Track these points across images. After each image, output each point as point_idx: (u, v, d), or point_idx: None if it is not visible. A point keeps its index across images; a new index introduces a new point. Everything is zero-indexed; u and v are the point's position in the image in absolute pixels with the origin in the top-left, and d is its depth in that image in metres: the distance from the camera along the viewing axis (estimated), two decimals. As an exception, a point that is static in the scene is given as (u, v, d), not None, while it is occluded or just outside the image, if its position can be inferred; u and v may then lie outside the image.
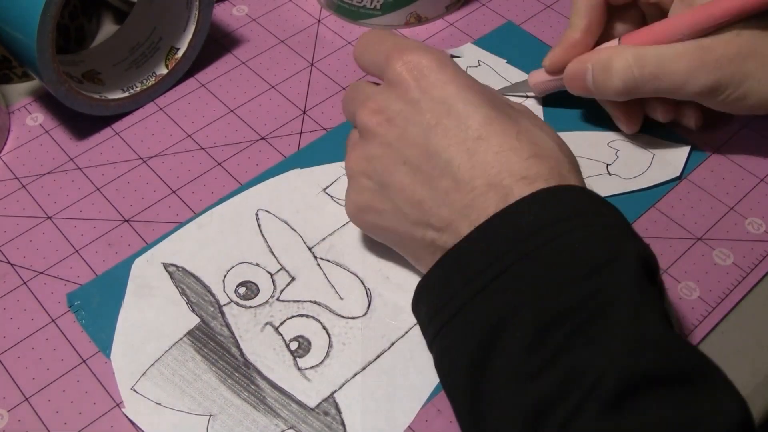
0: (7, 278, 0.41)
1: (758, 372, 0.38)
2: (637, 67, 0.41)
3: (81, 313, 0.40)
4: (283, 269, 0.41)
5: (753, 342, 0.39)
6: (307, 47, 0.53)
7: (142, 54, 0.50)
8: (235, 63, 0.52)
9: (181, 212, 0.44)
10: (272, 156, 0.46)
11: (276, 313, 0.39)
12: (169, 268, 0.41)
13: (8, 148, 0.47)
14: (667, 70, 0.40)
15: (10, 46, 0.44)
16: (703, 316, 0.39)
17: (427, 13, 0.54)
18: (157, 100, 0.50)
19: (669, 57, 0.41)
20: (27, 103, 0.50)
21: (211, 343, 0.38)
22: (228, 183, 0.45)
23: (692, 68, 0.40)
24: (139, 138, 0.48)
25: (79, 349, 0.39)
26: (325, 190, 0.44)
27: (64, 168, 0.46)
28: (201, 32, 0.50)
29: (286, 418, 0.36)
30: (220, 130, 0.48)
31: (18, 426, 0.36)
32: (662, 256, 0.41)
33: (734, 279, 0.41)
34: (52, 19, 0.42)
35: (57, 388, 0.37)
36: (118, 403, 0.37)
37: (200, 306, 0.40)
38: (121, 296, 0.40)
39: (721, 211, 0.43)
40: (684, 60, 0.40)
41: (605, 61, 0.42)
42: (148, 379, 0.37)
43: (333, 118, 0.48)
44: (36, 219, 0.44)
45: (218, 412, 0.36)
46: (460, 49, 0.52)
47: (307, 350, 0.38)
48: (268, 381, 0.37)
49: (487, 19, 0.54)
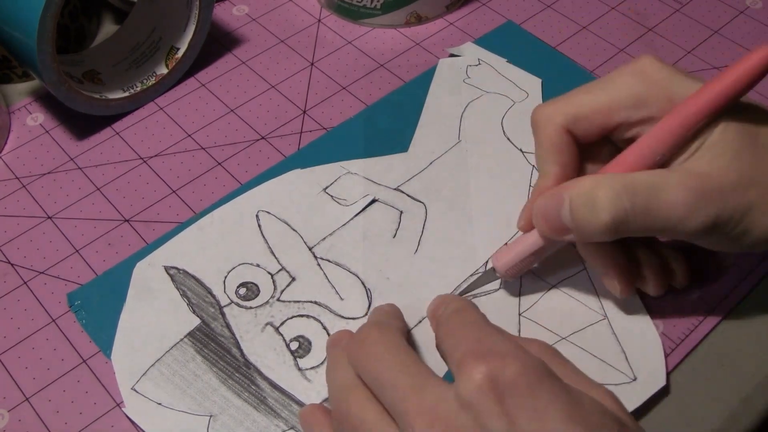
0: (7, 278, 0.41)
1: (758, 372, 0.38)
2: (628, 196, 0.32)
3: (81, 313, 0.40)
4: (283, 270, 0.41)
5: (753, 342, 0.39)
6: (307, 47, 0.53)
7: (142, 54, 0.50)
8: (235, 63, 0.52)
9: (181, 212, 0.44)
10: (272, 156, 0.46)
11: (276, 314, 0.39)
12: (170, 271, 0.41)
13: (8, 148, 0.47)
14: (663, 200, 0.32)
15: (10, 46, 0.44)
16: (703, 316, 0.39)
17: (427, 12, 0.54)
18: (157, 100, 0.50)
19: (662, 186, 0.33)
20: (27, 103, 0.50)
21: (211, 344, 0.38)
22: (228, 183, 0.45)
23: (691, 200, 0.32)
24: (139, 138, 0.48)
25: (79, 349, 0.39)
26: (326, 190, 0.44)
27: (65, 168, 0.46)
28: (201, 32, 0.50)
29: (286, 418, 0.36)
30: (221, 129, 0.48)
31: (18, 426, 0.36)
32: (662, 256, 0.41)
33: (734, 279, 0.41)
34: (53, 19, 0.42)
35: (57, 387, 0.37)
36: (118, 403, 0.37)
37: (201, 307, 0.40)
38: (121, 296, 0.40)
39: (721, 211, 0.43)
40: (681, 190, 0.32)
41: (588, 192, 0.33)
42: (149, 379, 0.37)
43: (333, 117, 0.48)
44: (36, 219, 0.44)
45: (219, 413, 0.36)
46: (460, 49, 0.52)
47: (307, 350, 0.38)
48: (269, 381, 0.37)
49: (487, 18, 0.54)
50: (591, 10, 0.55)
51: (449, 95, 0.49)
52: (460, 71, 0.50)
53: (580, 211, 0.33)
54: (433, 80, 0.50)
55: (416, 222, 0.43)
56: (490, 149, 0.46)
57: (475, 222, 0.43)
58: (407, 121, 0.48)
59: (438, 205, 0.43)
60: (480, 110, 0.48)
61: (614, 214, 0.33)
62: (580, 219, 0.33)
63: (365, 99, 0.49)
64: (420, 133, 0.47)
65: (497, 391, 0.27)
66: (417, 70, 0.51)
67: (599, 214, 0.33)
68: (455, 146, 0.46)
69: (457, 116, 0.48)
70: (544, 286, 0.40)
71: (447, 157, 0.46)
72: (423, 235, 0.42)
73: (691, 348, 0.38)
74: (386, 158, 0.46)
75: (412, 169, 0.45)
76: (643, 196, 0.32)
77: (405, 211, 0.43)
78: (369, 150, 0.46)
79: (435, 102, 0.49)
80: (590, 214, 0.33)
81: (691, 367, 0.38)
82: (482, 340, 0.30)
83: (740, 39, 0.53)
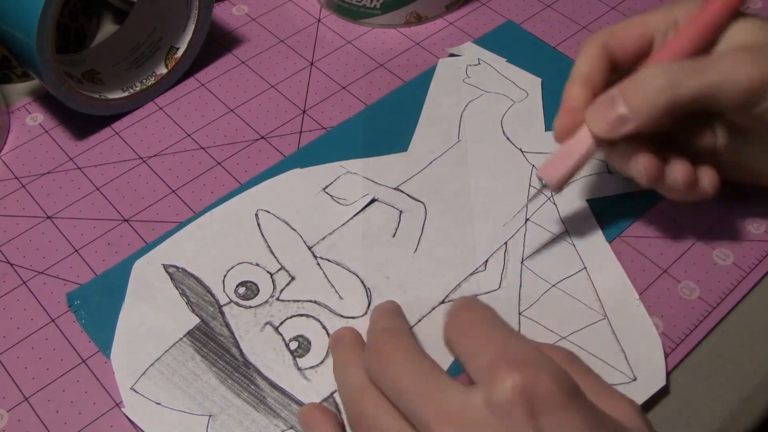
0: (6, 278, 0.41)
1: (758, 372, 0.38)
2: (678, 66, 0.36)
3: (81, 313, 0.40)
4: (282, 269, 0.41)
5: (753, 342, 0.39)
6: (307, 47, 0.53)
7: (142, 54, 0.50)
8: (235, 62, 0.52)
9: (180, 212, 0.44)
10: (272, 155, 0.46)
11: (276, 313, 0.39)
12: (169, 269, 0.41)
13: (8, 148, 0.47)
14: (711, 63, 0.36)
15: (10, 46, 0.44)
16: (703, 315, 0.39)
17: (427, 12, 0.54)
18: (157, 100, 0.50)
19: (707, 57, 0.37)
20: (27, 103, 0.50)
21: (210, 343, 0.38)
22: (228, 182, 0.45)
23: (739, 57, 0.36)
24: (138, 138, 0.48)
25: (78, 349, 0.39)
26: (325, 190, 0.44)
27: (64, 168, 0.46)
28: (201, 32, 0.50)
29: (286, 418, 0.36)
30: (220, 129, 0.48)
31: (18, 426, 0.36)
32: (662, 256, 0.41)
33: (734, 279, 0.41)
34: (52, 18, 0.42)
35: (57, 387, 0.37)
36: (117, 403, 0.37)
37: (200, 306, 0.40)
38: (120, 296, 0.40)
39: (721, 210, 0.43)
40: (727, 55, 0.36)
41: (637, 80, 0.37)
42: (148, 379, 0.37)
43: (333, 117, 0.48)
44: (36, 219, 0.44)
45: (218, 412, 0.36)
46: (460, 48, 0.52)
47: (307, 350, 0.38)
48: (268, 381, 0.37)
49: (487, 18, 0.54)
50: (591, 10, 0.55)
51: (449, 95, 0.49)
52: (460, 71, 0.50)
53: (635, 98, 0.36)
54: (433, 80, 0.50)
55: (416, 221, 0.43)
56: (489, 149, 0.46)
57: (475, 222, 0.43)
58: (407, 121, 0.48)
59: (438, 204, 0.43)
60: (480, 110, 0.48)
61: (670, 92, 0.36)
62: (636, 105, 0.36)
63: (365, 99, 0.49)
64: (420, 132, 0.47)
65: (530, 404, 0.27)
66: (417, 70, 0.51)
67: (654, 96, 0.36)
68: (455, 146, 0.46)
69: (456, 116, 0.48)
70: (544, 285, 0.40)
71: (447, 157, 0.46)
72: (423, 235, 0.42)
73: (691, 348, 0.38)
74: (386, 158, 0.46)
75: (412, 168, 0.45)
76: (691, 65, 0.36)
77: (405, 210, 0.43)
78: (369, 150, 0.46)
79: (435, 102, 0.49)
80: (645, 96, 0.36)
81: (691, 367, 0.38)
82: (509, 345, 0.29)
83: (740, 39, 0.52)
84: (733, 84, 0.36)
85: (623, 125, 0.37)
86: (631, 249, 0.42)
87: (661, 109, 0.36)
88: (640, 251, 0.42)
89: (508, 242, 0.42)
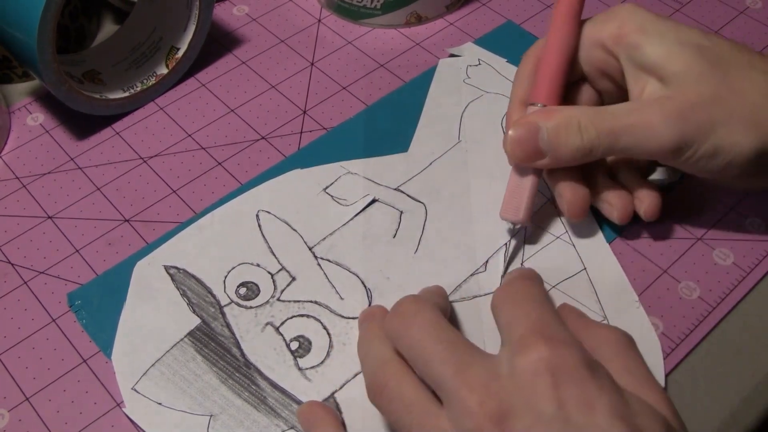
0: (7, 278, 0.41)
1: (758, 372, 0.38)
2: (600, 120, 0.37)
3: (81, 313, 0.40)
4: (283, 269, 0.41)
5: (753, 342, 0.39)
6: (307, 47, 0.53)
7: (143, 54, 0.50)
8: (235, 63, 0.52)
9: (181, 212, 0.44)
10: (272, 156, 0.47)
11: (276, 313, 0.39)
12: (170, 270, 0.41)
13: (8, 148, 0.47)
14: (632, 122, 0.37)
15: (10, 46, 0.44)
16: (703, 316, 0.39)
17: (427, 12, 0.54)
18: (157, 100, 0.50)
19: (630, 112, 0.37)
20: (27, 103, 0.50)
21: (211, 344, 0.38)
22: (228, 183, 0.45)
23: (657, 119, 0.36)
24: (139, 138, 0.48)
25: (79, 349, 0.39)
26: (326, 190, 0.44)
27: (65, 168, 0.46)
28: (201, 32, 0.50)
29: (286, 418, 0.36)
30: (221, 129, 0.48)
31: (18, 426, 0.36)
32: (662, 256, 0.41)
33: (734, 279, 0.41)
34: (53, 19, 0.42)
35: (57, 387, 0.37)
36: (118, 403, 0.37)
37: (201, 307, 0.40)
38: (121, 296, 0.40)
39: (721, 210, 0.43)
40: (647, 113, 0.36)
41: (567, 117, 0.37)
42: (149, 379, 0.37)
43: (333, 117, 0.48)
44: (36, 219, 0.44)
45: (219, 413, 0.36)
46: (460, 49, 0.52)
47: (307, 350, 0.38)
48: (269, 381, 0.37)
49: (487, 18, 0.54)
50: (591, 11, 0.55)
51: (449, 95, 0.49)
52: (460, 71, 0.50)
53: (560, 135, 0.37)
54: (433, 80, 0.50)
55: (416, 222, 0.43)
56: (490, 149, 0.46)
57: (475, 222, 0.43)
58: (407, 121, 0.48)
59: (438, 205, 0.44)
60: (480, 110, 0.48)
61: (581, 144, 0.37)
62: (559, 143, 0.37)
63: (365, 99, 0.49)
64: (420, 133, 0.47)
65: (554, 375, 0.28)
66: (417, 70, 0.51)
67: (578, 136, 0.37)
68: (455, 146, 0.46)
69: (457, 116, 0.48)
70: None
71: (447, 158, 0.46)
72: (423, 235, 0.42)
73: (691, 348, 0.38)
74: (386, 158, 0.46)
75: (412, 169, 0.45)
76: (612, 121, 0.37)
77: (405, 211, 0.43)
78: (369, 150, 0.46)
79: (435, 102, 0.49)
80: (567, 137, 0.37)
81: (691, 367, 0.38)
82: (543, 321, 0.31)
83: (740, 39, 0.52)
84: (650, 148, 0.37)
85: (540, 159, 0.38)
86: (631, 249, 0.42)
87: (580, 157, 0.38)
88: (640, 251, 0.42)
89: (508, 243, 0.42)
